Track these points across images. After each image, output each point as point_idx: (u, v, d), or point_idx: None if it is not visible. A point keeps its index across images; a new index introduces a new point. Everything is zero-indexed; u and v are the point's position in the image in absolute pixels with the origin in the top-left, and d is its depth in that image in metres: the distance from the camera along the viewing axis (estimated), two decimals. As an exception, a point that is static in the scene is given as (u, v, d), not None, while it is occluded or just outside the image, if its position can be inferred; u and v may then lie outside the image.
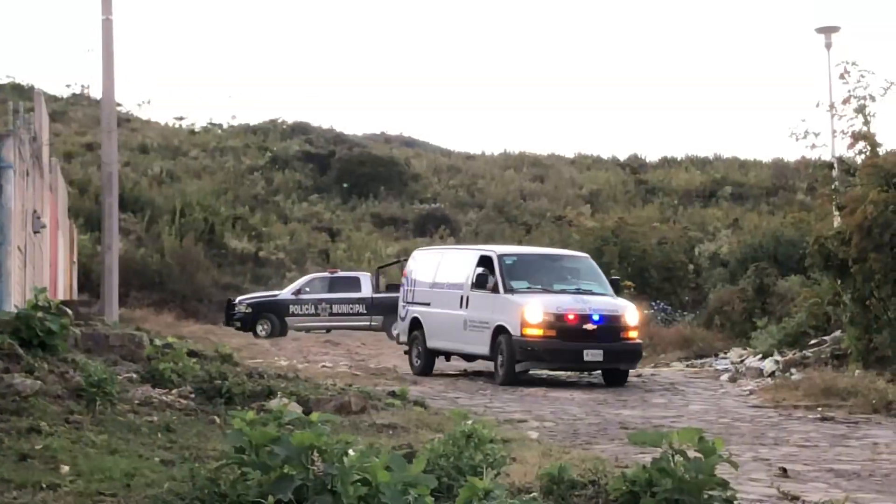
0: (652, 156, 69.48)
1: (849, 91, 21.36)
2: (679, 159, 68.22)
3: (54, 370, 12.07)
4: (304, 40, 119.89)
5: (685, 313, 33.64)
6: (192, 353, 15.49)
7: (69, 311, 13.80)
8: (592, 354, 21.03)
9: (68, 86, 70.37)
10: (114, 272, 24.71)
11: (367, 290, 36.85)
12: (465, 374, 23.69)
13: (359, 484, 6.77)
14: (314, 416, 7.52)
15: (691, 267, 39.20)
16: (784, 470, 12.24)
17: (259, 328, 35.88)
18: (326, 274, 38.44)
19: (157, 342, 15.45)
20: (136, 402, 11.96)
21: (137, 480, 8.38)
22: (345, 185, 58.40)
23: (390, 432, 12.46)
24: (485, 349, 21.77)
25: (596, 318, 21.20)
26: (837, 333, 22.57)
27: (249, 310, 36.39)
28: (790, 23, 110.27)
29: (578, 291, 22.03)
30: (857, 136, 21.30)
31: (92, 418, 10.72)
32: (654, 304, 33.86)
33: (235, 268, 47.16)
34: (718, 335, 29.17)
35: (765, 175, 62.42)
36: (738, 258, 38.07)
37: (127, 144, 56.12)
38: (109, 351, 14.66)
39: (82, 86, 70.04)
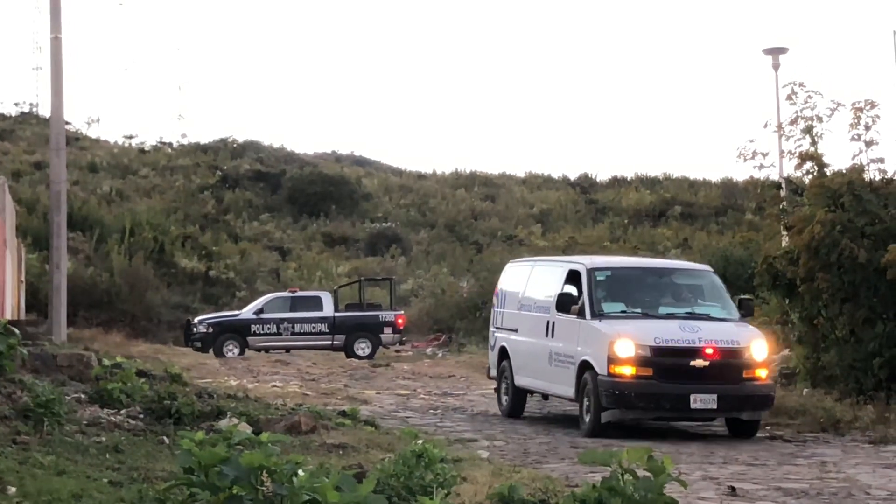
0: (602, 175, 69.90)
1: (796, 112, 21.51)
2: (629, 179, 68.60)
3: (1, 391, 11.96)
4: (255, 58, 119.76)
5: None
6: (141, 373, 15.41)
7: (17, 331, 13.68)
8: (702, 400, 16.45)
9: (16, 104, 69.72)
10: (62, 291, 24.54)
11: (328, 310, 36.69)
12: (565, 417, 19.07)
13: (308, 504, 6.76)
14: (264, 436, 7.51)
15: (642, 286, 39.30)
16: (733, 489, 12.31)
17: (226, 349, 35.59)
18: (287, 293, 38.18)
19: (106, 362, 15.35)
20: (85, 422, 11.88)
21: (85, 502, 8.31)
22: (295, 204, 58.30)
23: (341, 452, 12.43)
24: (569, 390, 17.48)
25: (709, 351, 16.57)
26: (786, 352, 22.73)
27: (210, 330, 36.17)
28: (739, 44, 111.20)
29: (690, 316, 17.39)
30: (804, 157, 21.46)
31: (39, 439, 10.64)
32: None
33: (185, 287, 46.89)
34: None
35: (714, 195, 62.87)
36: (687, 277, 38.27)
37: (76, 163, 55.79)
38: (57, 371, 14.56)
39: (31, 104, 69.62)
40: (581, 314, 17.30)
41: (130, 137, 67.99)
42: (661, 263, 20.75)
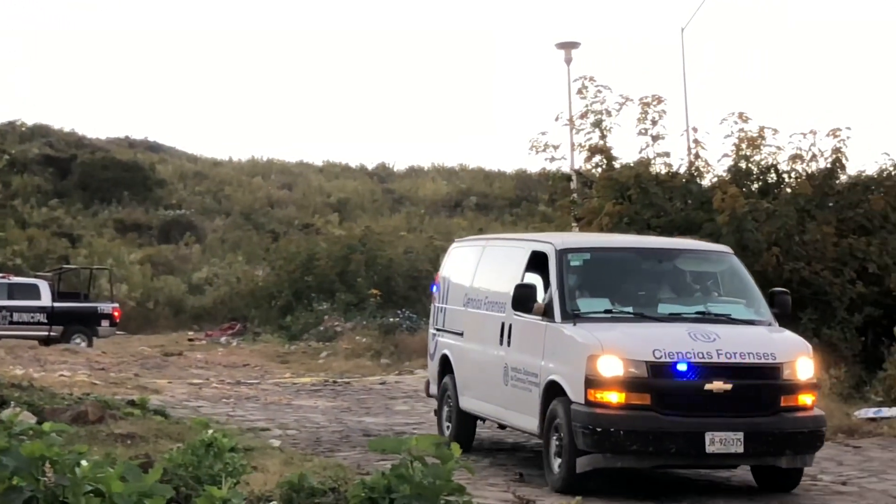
0: (400, 165, 70.27)
1: (586, 106, 21.98)
2: (426, 169, 69.13)
3: None
4: (45, 39, 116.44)
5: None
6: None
7: None
8: (723, 440, 11.47)
9: None
10: None
11: (46, 299, 34.83)
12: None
13: (91, 495, 6.64)
14: (47, 425, 7.33)
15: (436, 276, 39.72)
16: (521, 475, 12.55)
17: None
18: (2, 280, 35.82)
19: None
20: None
21: None
22: (87, 190, 57.03)
23: (128, 442, 12.25)
24: (531, 421, 12.49)
25: (732, 369, 11.64)
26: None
27: None
28: (533, 37, 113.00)
29: (703, 318, 12.36)
30: (594, 150, 21.94)
31: None
32: (399, 312, 34.20)
33: (-30, 274, 45.41)
34: (462, 343, 29.60)
35: (508, 186, 63.82)
36: (481, 267, 38.85)
37: None
38: None
39: None
40: (548, 315, 12.33)
41: (-89, 118, 65.45)
42: (660, 242, 14.81)
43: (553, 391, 12.00)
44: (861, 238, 20.87)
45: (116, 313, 35.87)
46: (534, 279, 12.83)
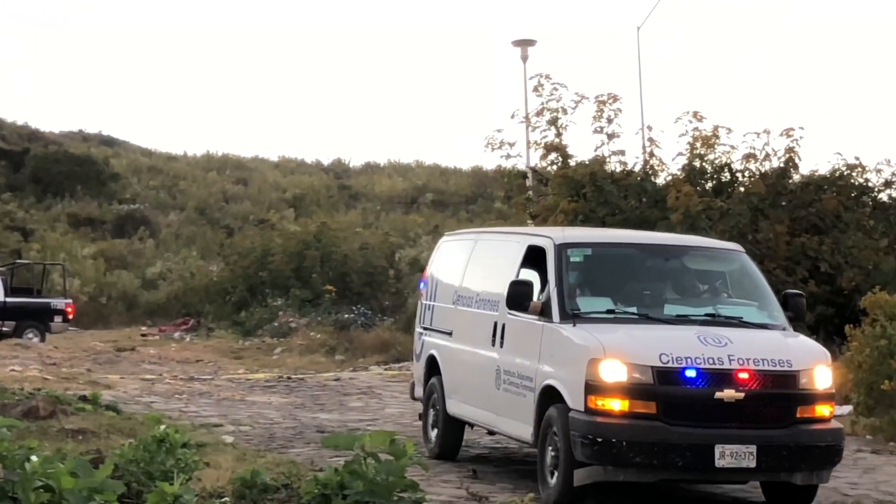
0: (356, 161, 70.17)
1: (542, 103, 22.08)
2: (382, 165, 69.07)
3: None
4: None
5: (385, 318, 34.04)
6: None
7: None
8: (734, 454, 10.75)
9: None
10: None
11: None
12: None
13: (41, 490, 6.61)
14: (-4, 421, 7.29)
15: (392, 272, 39.74)
16: (474, 472, 12.57)
17: None
18: None
19: None
20: None
21: None
22: (40, 183, 56.61)
23: (80, 437, 12.18)
24: (525, 429, 11.73)
25: (744, 376, 10.87)
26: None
27: None
28: (491, 34, 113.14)
29: (713, 320, 11.59)
30: (549, 147, 22.05)
31: None
32: (354, 308, 34.15)
33: (-81, 267, 44.94)
34: (417, 339, 29.61)
35: (464, 183, 63.87)
36: (437, 264, 38.95)
37: None
38: None
39: None
40: (545, 314, 11.57)
41: None
42: (666, 239, 13.97)
43: (549, 397, 11.21)
44: (813, 237, 21.07)
45: (70, 309, 35.62)
46: (530, 276, 12.05)
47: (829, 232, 21.28)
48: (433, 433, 13.73)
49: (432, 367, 13.96)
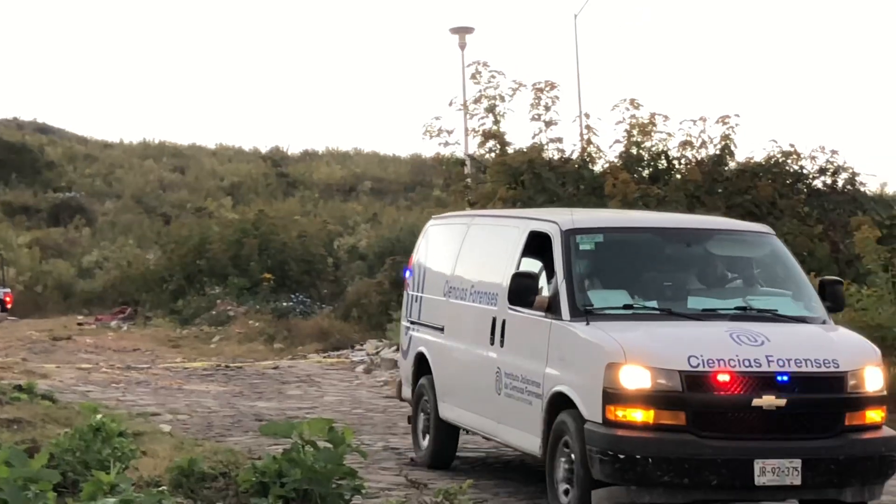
0: (294, 149, 69.93)
1: (480, 91, 22.08)
2: (320, 153, 68.89)
3: None
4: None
5: (324, 306, 33.98)
6: None
7: None
8: (775, 469, 9.31)
9: None
10: None
11: None
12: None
13: (-24, 481, 6.55)
14: (-72, 411, 7.22)
15: (330, 260, 39.69)
16: (412, 459, 12.59)
17: None
18: None
19: None
20: None
21: None
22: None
23: (15, 427, 12.07)
24: (532, 441, 10.33)
25: (784, 379, 9.43)
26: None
27: None
28: (428, 21, 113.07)
29: (744, 314, 10.16)
30: (487, 135, 22.04)
31: None
32: (293, 296, 34.06)
33: None
34: (356, 327, 29.59)
35: (403, 170, 63.87)
36: (376, 252, 38.95)
37: None
38: None
39: None
40: (552, 310, 10.15)
41: None
42: (687, 221, 12.23)
43: (560, 404, 9.80)
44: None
45: (8, 298, 35.32)
46: (532, 266, 10.65)
47: (764, 219, 21.39)
48: (424, 440, 12.48)
49: (421, 365, 12.66)
